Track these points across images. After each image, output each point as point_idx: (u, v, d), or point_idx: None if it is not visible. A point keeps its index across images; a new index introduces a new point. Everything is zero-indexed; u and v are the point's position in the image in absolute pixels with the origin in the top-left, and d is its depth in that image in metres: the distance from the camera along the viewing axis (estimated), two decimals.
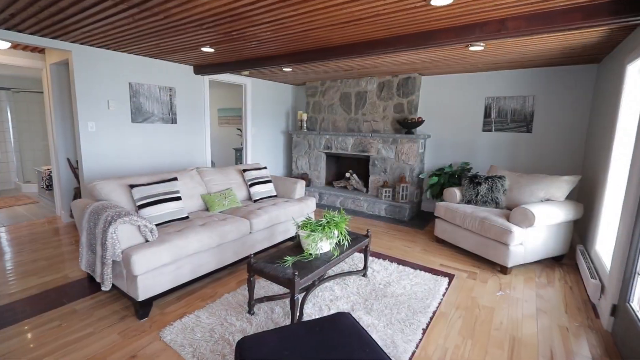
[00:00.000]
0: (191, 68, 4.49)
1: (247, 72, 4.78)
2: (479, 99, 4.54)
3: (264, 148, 5.91)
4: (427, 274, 2.88)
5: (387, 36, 2.83)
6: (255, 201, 3.43)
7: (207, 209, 3.06)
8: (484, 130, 4.55)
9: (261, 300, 2.21)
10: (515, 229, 2.86)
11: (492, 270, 3.06)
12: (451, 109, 4.77)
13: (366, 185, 5.43)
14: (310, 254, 2.22)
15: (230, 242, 2.66)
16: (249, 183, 3.48)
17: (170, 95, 4.25)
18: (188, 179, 3.03)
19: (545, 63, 3.80)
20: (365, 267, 2.76)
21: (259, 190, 3.47)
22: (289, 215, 3.25)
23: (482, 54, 3.36)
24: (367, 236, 2.70)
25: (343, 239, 2.34)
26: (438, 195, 4.44)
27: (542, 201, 3.19)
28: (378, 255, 3.27)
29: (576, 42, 2.90)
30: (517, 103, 4.29)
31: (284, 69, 4.49)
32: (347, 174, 5.55)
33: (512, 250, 2.89)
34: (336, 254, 2.24)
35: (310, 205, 3.58)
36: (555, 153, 4.10)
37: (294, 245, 2.45)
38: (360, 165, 5.70)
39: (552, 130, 4.10)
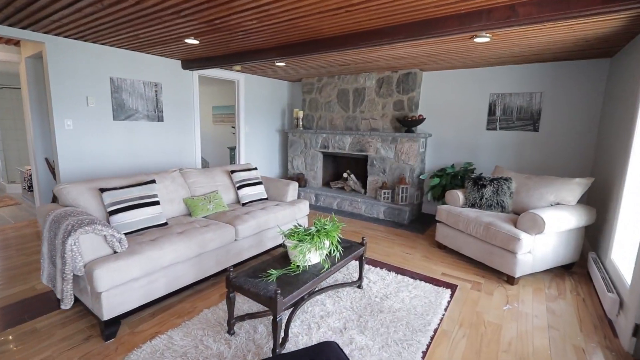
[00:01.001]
0: (179, 63, 4.26)
1: (238, 68, 4.55)
2: (483, 95, 4.30)
3: (258, 147, 5.67)
4: (427, 284, 2.65)
5: (382, 26, 2.59)
6: (243, 205, 3.20)
7: (189, 214, 2.83)
8: (488, 129, 4.31)
9: (243, 318, 1.99)
10: (523, 236, 2.63)
11: (497, 280, 2.83)
12: (453, 106, 4.53)
13: (364, 186, 5.20)
14: (298, 267, 2.00)
15: (212, 251, 2.44)
16: (237, 185, 3.25)
17: (156, 91, 4.02)
18: (169, 181, 2.80)
19: (554, 57, 3.56)
20: (360, 277, 2.54)
21: (247, 193, 3.25)
22: (279, 220, 3.03)
23: (487, 46, 3.12)
24: (362, 244, 2.47)
25: (334, 250, 2.11)
26: (439, 198, 4.21)
27: (551, 205, 2.96)
28: (375, 263, 3.05)
29: (591, 34, 2.66)
30: (523, 100, 4.05)
31: (277, 64, 4.26)
32: (345, 175, 5.32)
33: (520, 259, 2.66)
34: (326, 266, 2.01)
35: (303, 208, 3.35)
36: (563, 153, 3.87)
37: (282, 254, 2.22)
38: (359, 165, 5.47)
39: (560, 129, 3.86)
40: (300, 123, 5.58)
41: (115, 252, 1.93)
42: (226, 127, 7.36)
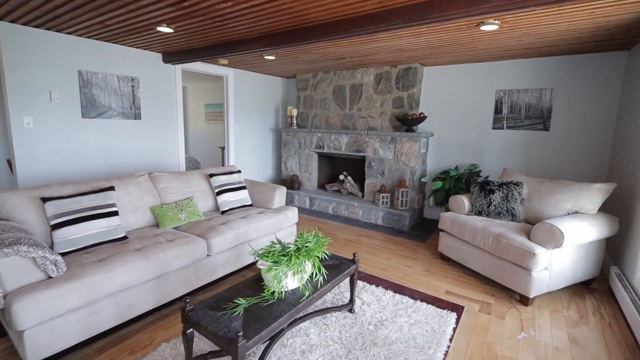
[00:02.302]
0: (159, 56, 3.92)
1: (225, 62, 4.21)
2: (489, 92, 3.95)
3: (249, 147, 5.33)
4: (429, 306, 2.31)
5: (377, 9, 2.24)
6: (223, 213, 2.86)
7: (157, 225, 2.49)
8: (494, 128, 3.96)
9: (205, 356, 1.64)
10: (539, 250, 2.28)
11: (509, 300, 2.48)
12: (457, 104, 4.18)
13: (362, 189, 4.85)
14: (273, 293, 1.66)
15: (177, 270, 2.10)
16: (217, 191, 2.90)
17: (132, 86, 3.68)
18: (133, 187, 2.46)
19: (568, 50, 3.21)
20: (351, 300, 2.19)
21: (228, 200, 2.90)
22: (262, 231, 2.69)
23: (494, 36, 2.77)
24: (353, 262, 2.13)
25: (317, 273, 1.76)
26: (443, 203, 3.86)
27: (568, 214, 2.61)
28: (371, 280, 2.70)
29: (614, 21, 2.31)
30: (532, 97, 3.70)
31: (266, 57, 3.91)
32: (341, 177, 4.97)
33: (535, 277, 2.32)
34: (307, 294, 1.67)
35: (291, 217, 3.01)
36: (576, 154, 3.52)
37: (257, 276, 1.88)
38: (356, 166, 5.12)
39: (572, 128, 3.51)
40: (295, 121, 5.24)
41: (50, 277, 1.59)
42: (219, 125, 7.03)
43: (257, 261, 1.73)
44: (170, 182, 2.72)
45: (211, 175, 2.94)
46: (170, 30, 2.82)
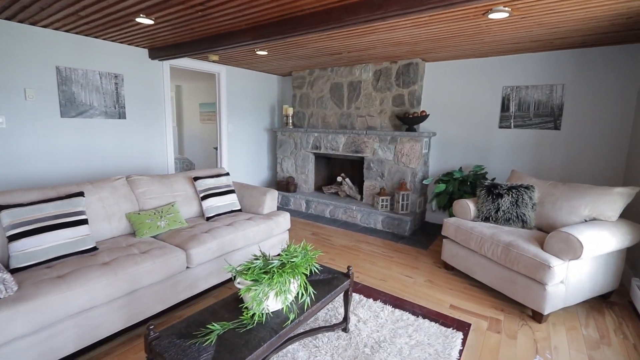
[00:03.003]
0: (145, 52, 3.71)
1: (215, 58, 4.00)
2: (495, 88, 3.72)
3: (243, 148, 5.12)
4: (432, 324, 2.08)
5: None
6: (208, 219, 2.64)
7: (134, 234, 2.28)
8: (500, 127, 3.73)
9: None
10: (554, 262, 2.06)
11: (520, 315, 2.26)
12: (461, 101, 3.95)
13: (361, 191, 4.63)
14: (253, 316, 1.44)
15: (151, 285, 1.88)
16: (202, 195, 2.69)
17: (116, 83, 3.47)
18: (108, 192, 2.25)
19: (582, 42, 2.97)
20: (346, 318, 1.97)
21: (214, 205, 2.69)
22: (249, 239, 2.47)
23: (503, 26, 2.55)
24: (347, 276, 1.91)
25: (303, 293, 1.54)
26: (446, 207, 3.63)
27: (585, 221, 2.38)
28: (368, 292, 2.48)
29: (636, 7, 2.08)
30: (542, 93, 3.47)
31: (258, 53, 3.70)
32: (339, 178, 4.75)
33: (550, 292, 2.09)
34: (292, 317, 1.45)
35: (282, 223, 2.79)
36: (589, 155, 3.28)
37: (237, 295, 1.66)
38: (355, 167, 4.90)
39: (585, 127, 3.28)
40: (290, 121, 5.03)
41: None
42: (214, 125, 6.82)
43: (234, 278, 1.51)
44: (150, 186, 2.50)
45: (196, 179, 2.72)
46: (151, 22, 2.61)
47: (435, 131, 4.17)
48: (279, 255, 1.59)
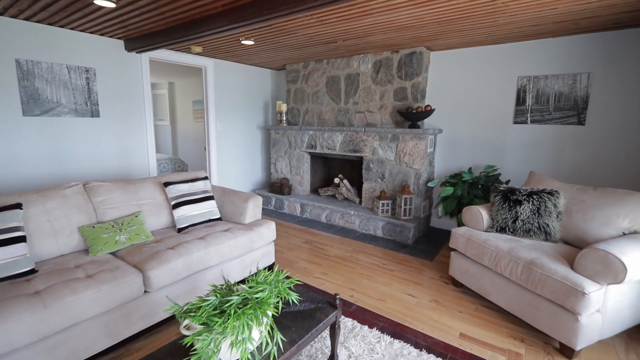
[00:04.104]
0: (121, 43, 3.38)
1: (199, 49, 3.66)
2: (510, 79, 3.32)
3: (234, 148, 4.78)
4: None
5: None
6: (180, 230, 2.31)
7: (87, 250, 1.95)
8: (515, 122, 3.33)
9: None
10: (590, 288, 1.68)
11: (545, 348, 1.88)
12: (471, 94, 3.55)
13: (360, 193, 4.27)
14: None
15: (96, 317, 1.55)
16: (173, 203, 2.35)
17: (87, 78, 3.15)
18: (56, 202, 1.92)
19: (612, 22, 2.56)
20: (333, 356, 1.62)
21: (187, 214, 2.35)
22: (224, 255, 2.13)
23: (521, 2, 2.15)
24: (334, 306, 1.56)
25: (269, 343, 1.19)
26: (454, 213, 3.25)
27: (624, 234, 1.99)
28: (363, 316, 2.12)
29: None
30: (563, 84, 3.06)
31: (244, 42, 3.34)
32: (336, 180, 4.39)
33: (584, 323, 1.71)
34: None
35: (266, 234, 2.45)
36: (618, 153, 2.88)
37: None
38: (354, 167, 4.53)
39: (614, 121, 2.87)
40: (284, 118, 4.67)
41: None
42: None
43: (180, 319, 1.17)
44: (112, 193, 2.17)
45: (166, 184, 2.38)
46: (112, 5, 2.27)
47: (442, 128, 3.78)
48: (248, 280, 1.24)
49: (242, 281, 2.38)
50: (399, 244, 3.45)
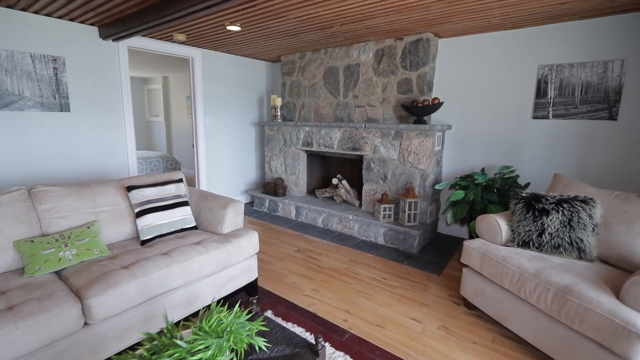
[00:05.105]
0: (95, 30, 3.05)
1: (182, 37, 3.31)
2: (529, 68, 2.93)
3: (225, 145, 4.45)
4: None
5: None
6: (144, 243, 1.98)
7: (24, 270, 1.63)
8: (535, 117, 2.94)
9: None
10: None
11: None
12: (483, 86, 3.17)
13: (360, 196, 3.91)
14: None
15: (20, 358, 1.23)
16: (137, 210, 2.02)
17: (55, 68, 2.83)
18: None
19: None
20: None
21: (154, 223, 2.02)
22: (191, 274, 1.79)
23: None
24: (315, 352, 1.21)
25: None
26: (465, 220, 2.88)
27: None
28: (358, 348, 1.77)
29: None
30: (592, 73, 2.67)
31: (229, 28, 2.99)
32: (335, 180, 4.04)
33: None
34: None
35: (247, 247, 2.10)
36: None
37: None
38: (354, 167, 4.18)
39: None
40: (279, 113, 4.33)
41: None
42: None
43: None
44: (62, 200, 1.84)
45: (130, 188, 2.05)
46: None
47: (451, 124, 3.40)
48: (195, 326, 0.89)
49: (224, 301, 2.05)
50: (403, 253, 3.09)
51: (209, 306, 2.04)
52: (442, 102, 3.08)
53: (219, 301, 2.01)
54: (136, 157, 3.50)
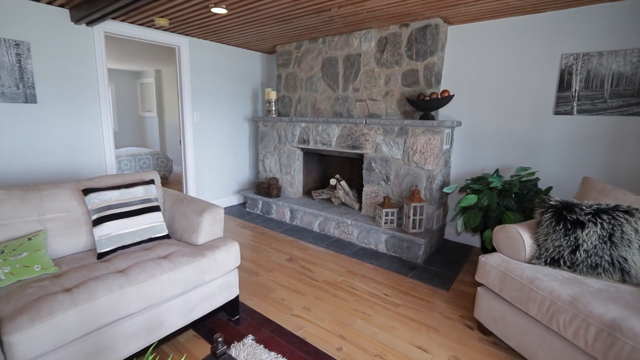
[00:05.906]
0: (66, 13, 2.75)
1: (164, 22, 3.00)
2: (550, 58, 2.60)
3: (215, 142, 4.14)
4: None
5: None
6: (102, 256, 1.67)
7: None
8: (557, 113, 2.62)
9: None
10: None
11: None
12: (498, 78, 2.84)
13: (360, 198, 3.60)
14: None
15: None
16: (95, 217, 1.72)
17: (17, 54, 2.53)
18: None
19: None
20: None
21: (114, 232, 1.71)
22: (152, 297, 1.48)
23: None
24: None
25: None
26: (478, 229, 2.56)
27: None
28: None
29: None
30: (625, 63, 2.34)
31: (214, 10, 2.67)
32: (333, 181, 3.72)
33: None
34: None
35: (225, 261, 1.79)
36: None
37: None
38: (354, 167, 3.86)
39: None
40: (274, 108, 4.01)
41: None
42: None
43: None
44: (2, 204, 1.54)
45: (87, 192, 1.74)
46: None
47: (461, 120, 3.08)
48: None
49: (194, 325, 1.75)
50: (406, 263, 2.78)
51: (179, 331, 1.74)
52: (453, 95, 2.75)
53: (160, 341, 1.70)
54: (115, 155, 3.18)
